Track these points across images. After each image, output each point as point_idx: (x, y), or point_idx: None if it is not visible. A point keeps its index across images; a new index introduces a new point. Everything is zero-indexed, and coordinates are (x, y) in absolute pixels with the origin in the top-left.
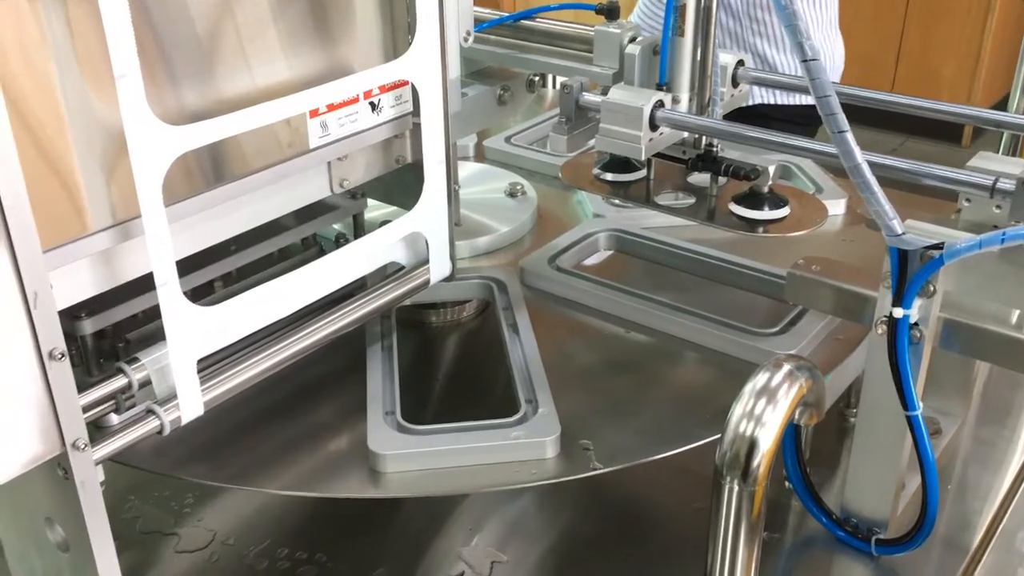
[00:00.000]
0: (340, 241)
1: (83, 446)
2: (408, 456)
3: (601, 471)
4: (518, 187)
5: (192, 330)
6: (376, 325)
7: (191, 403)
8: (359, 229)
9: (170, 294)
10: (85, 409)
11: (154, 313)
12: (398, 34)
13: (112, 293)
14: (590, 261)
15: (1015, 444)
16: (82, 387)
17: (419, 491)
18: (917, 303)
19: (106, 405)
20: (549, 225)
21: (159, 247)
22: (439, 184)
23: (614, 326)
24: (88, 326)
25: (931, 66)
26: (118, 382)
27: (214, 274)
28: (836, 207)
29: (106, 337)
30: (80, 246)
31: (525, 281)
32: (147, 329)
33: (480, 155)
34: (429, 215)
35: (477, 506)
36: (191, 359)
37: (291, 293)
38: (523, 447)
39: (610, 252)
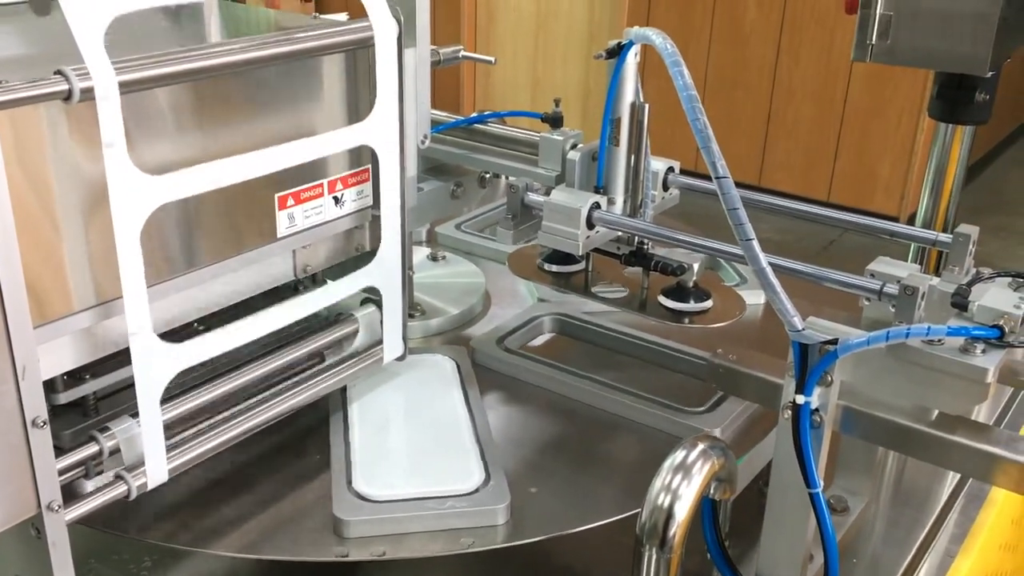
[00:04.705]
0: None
1: (57, 508)
2: (368, 523)
3: (543, 538)
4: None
5: (159, 363)
6: (338, 398)
7: (157, 470)
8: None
9: (142, 338)
10: (59, 473)
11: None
12: (361, 105)
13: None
14: (535, 342)
15: (919, 522)
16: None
17: (377, 554)
18: (817, 391)
19: (77, 470)
20: (498, 307)
21: (133, 290)
22: (396, 270)
23: (556, 403)
24: (63, 397)
25: (867, 163)
26: (90, 449)
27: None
28: (758, 296)
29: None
30: (65, 323)
31: (476, 360)
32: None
33: (432, 240)
34: (384, 280)
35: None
36: (158, 414)
37: (252, 326)
38: (476, 515)
39: (553, 334)
